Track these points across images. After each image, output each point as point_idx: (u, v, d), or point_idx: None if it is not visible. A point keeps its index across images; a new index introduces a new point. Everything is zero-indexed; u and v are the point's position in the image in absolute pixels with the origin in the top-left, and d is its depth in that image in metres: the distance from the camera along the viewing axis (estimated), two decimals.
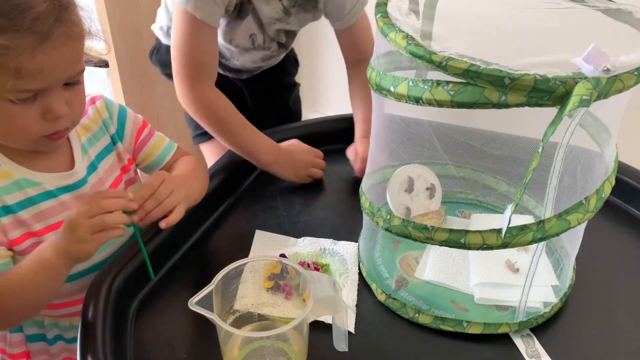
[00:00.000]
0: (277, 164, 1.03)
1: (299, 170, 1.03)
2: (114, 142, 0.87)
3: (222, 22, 1.06)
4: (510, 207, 0.61)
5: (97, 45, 0.75)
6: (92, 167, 0.83)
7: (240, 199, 1.00)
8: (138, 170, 0.93)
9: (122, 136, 0.88)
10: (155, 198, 0.76)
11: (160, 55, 1.29)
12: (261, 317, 0.72)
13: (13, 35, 0.64)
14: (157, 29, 1.28)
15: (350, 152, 1.05)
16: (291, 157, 1.04)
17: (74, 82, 0.73)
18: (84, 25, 0.71)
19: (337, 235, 0.90)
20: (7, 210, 0.75)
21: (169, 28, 1.19)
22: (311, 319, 0.65)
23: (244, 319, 0.71)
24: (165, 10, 1.22)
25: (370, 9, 0.72)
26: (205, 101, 1.00)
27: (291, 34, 1.17)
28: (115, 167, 0.87)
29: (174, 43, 0.98)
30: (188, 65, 0.97)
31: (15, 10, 0.64)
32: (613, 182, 0.71)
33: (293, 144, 1.06)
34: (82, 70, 0.74)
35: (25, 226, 0.76)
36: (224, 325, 0.60)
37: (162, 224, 0.77)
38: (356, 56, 1.13)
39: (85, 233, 0.69)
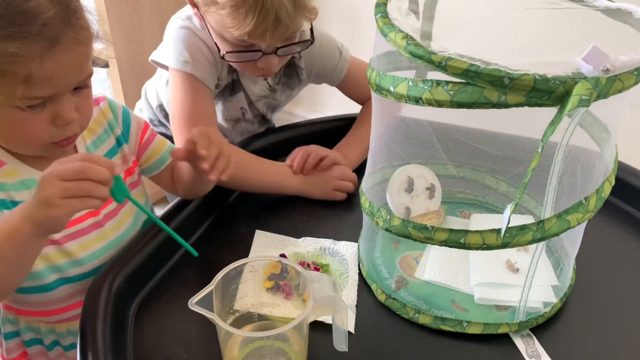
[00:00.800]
0: (307, 184, 0.99)
1: (325, 185, 0.99)
2: (119, 143, 0.86)
3: (219, 101, 1.09)
4: (509, 207, 0.61)
5: (101, 47, 0.75)
6: None
7: (241, 199, 1.00)
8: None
9: (128, 137, 0.87)
10: (225, 157, 0.78)
11: None
12: (261, 317, 0.72)
13: (22, 42, 0.63)
14: (137, 109, 1.28)
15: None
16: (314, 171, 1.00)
17: (82, 87, 0.72)
18: (91, 29, 0.70)
19: (337, 235, 0.90)
20: (15, 205, 0.74)
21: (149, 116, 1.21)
22: (311, 319, 0.65)
23: (243, 319, 0.71)
24: (145, 103, 1.24)
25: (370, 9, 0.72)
26: None
27: (276, 109, 1.20)
28: (119, 170, 0.86)
29: (174, 106, 0.99)
30: (189, 123, 0.97)
31: (24, 16, 0.62)
32: (613, 182, 0.71)
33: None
34: (91, 75, 0.72)
35: None
36: (224, 325, 0.60)
37: (224, 176, 0.78)
38: (362, 98, 1.15)
39: (54, 195, 0.61)
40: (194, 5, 0.95)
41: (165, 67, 1.03)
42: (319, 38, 1.06)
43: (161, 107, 1.18)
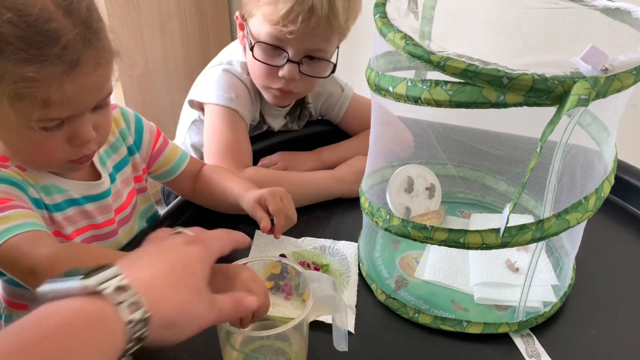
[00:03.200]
0: (346, 183, 1.01)
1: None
2: (130, 152, 0.86)
3: None
4: (508, 207, 0.61)
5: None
6: (111, 179, 0.83)
7: None
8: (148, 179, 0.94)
9: (140, 146, 0.87)
10: (288, 218, 0.83)
11: None
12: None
13: (41, 65, 0.60)
14: None
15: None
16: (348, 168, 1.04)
17: (101, 105, 0.70)
18: (112, 49, 0.68)
19: (337, 236, 0.90)
20: (38, 204, 0.74)
21: None
22: (311, 319, 0.65)
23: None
24: None
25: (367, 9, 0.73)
26: (252, 178, 0.97)
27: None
28: (130, 178, 0.87)
29: (215, 139, 1.02)
30: (230, 154, 1.00)
31: (44, 39, 0.60)
32: (612, 182, 0.71)
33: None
34: (110, 92, 0.70)
35: (56, 226, 0.76)
36: (224, 325, 0.60)
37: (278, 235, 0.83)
38: (362, 129, 1.16)
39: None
40: (242, 23, 1.03)
41: (200, 108, 1.08)
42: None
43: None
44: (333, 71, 1.03)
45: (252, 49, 0.99)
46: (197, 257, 0.53)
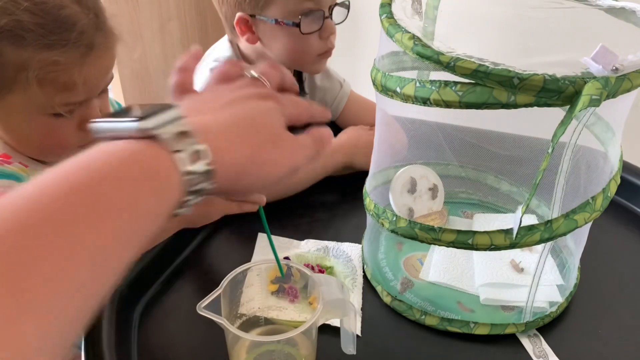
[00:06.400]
0: (356, 155, 1.02)
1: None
2: None
3: None
4: (520, 208, 0.60)
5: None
6: None
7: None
8: None
9: None
10: None
11: None
12: (267, 321, 0.72)
13: (62, 50, 0.64)
14: None
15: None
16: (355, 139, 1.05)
17: (104, 90, 0.74)
18: (115, 32, 0.73)
19: (341, 237, 0.89)
20: None
21: None
22: (320, 323, 0.65)
23: (250, 323, 0.71)
24: None
25: (374, 10, 0.72)
26: None
27: None
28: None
29: None
30: None
31: (62, 25, 0.64)
32: (618, 181, 0.71)
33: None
34: (112, 77, 0.75)
35: None
36: (234, 330, 0.59)
37: None
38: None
39: None
40: (249, 24, 1.02)
41: None
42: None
43: None
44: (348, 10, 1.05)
45: (298, 25, 0.99)
46: (271, 110, 0.46)
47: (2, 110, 0.68)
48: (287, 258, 0.83)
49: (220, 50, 1.10)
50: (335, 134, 1.12)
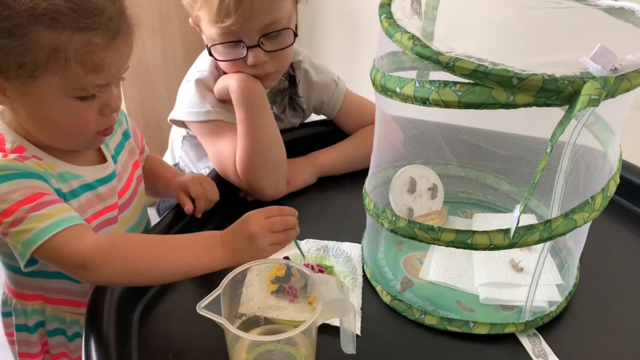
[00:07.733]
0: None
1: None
2: (125, 137, 0.91)
3: None
4: (518, 207, 0.61)
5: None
6: (114, 161, 0.87)
7: (241, 202, 1.00)
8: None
9: (129, 134, 0.92)
10: (208, 200, 0.91)
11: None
12: (267, 321, 0.72)
13: (94, 32, 0.69)
14: None
15: None
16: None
17: (121, 77, 0.77)
18: (135, 21, 0.77)
19: (340, 237, 0.89)
20: (59, 194, 0.76)
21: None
22: (320, 322, 0.65)
23: (250, 323, 0.71)
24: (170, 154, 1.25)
25: (373, 10, 0.72)
26: None
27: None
28: (129, 162, 0.91)
29: (216, 156, 1.00)
30: (228, 166, 0.99)
31: (94, 10, 0.69)
32: (618, 181, 0.71)
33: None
34: (129, 67, 0.78)
35: None
36: (234, 330, 0.59)
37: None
38: (357, 129, 1.14)
39: (265, 244, 0.73)
40: (196, 24, 1.00)
41: (184, 125, 1.06)
42: (316, 68, 1.12)
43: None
44: (295, 35, 0.98)
45: (210, 53, 0.98)
46: None
47: (31, 93, 0.70)
48: (287, 258, 0.84)
49: (204, 60, 1.07)
50: (335, 133, 1.12)
